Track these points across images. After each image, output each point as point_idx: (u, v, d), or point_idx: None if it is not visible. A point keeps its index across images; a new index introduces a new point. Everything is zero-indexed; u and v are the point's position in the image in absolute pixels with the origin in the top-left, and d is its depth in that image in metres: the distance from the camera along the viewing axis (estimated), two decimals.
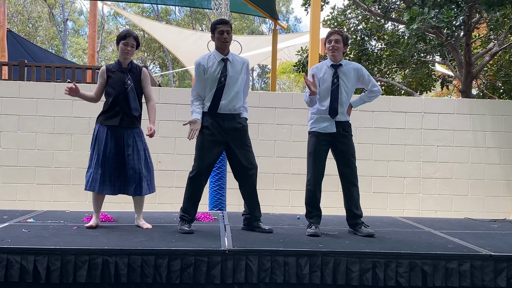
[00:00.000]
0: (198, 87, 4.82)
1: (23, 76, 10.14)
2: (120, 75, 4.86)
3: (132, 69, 4.93)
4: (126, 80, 4.84)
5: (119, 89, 4.83)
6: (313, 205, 4.91)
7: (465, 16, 8.37)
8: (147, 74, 5.03)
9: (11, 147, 7.27)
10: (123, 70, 4.88)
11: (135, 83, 4.89)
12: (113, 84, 4.86)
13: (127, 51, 4.86)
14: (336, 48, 4.86)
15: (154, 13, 35.59)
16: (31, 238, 4.24)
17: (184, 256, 3.90)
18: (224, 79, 4.71)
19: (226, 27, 4.76)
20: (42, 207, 6.90)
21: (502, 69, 11.39)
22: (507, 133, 7.69)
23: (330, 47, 4.88)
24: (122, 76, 4.85)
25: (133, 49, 4.90)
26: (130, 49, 4.87)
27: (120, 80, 4.84)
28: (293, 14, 53.24)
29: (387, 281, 3.99)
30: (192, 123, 4.73)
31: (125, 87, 4.83)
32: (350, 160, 4.96)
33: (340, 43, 4.87)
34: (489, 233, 5.33)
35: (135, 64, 5.01)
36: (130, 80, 4.85)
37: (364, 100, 5.14)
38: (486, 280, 4.01)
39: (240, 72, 4.84)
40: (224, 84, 4.72)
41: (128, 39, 4.85)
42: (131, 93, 4.84)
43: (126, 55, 4.88)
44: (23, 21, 32.44)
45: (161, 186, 7.34)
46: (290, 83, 32.34)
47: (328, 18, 11.54)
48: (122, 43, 4.85)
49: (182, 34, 18.83)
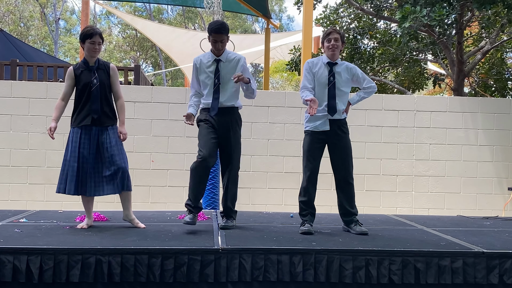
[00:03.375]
0: (195, 84, 5.06)
1: (15, 76, 10.08)
2: (87, 74, 4.76)
3: (99, 66, 4.83)
4: (92, 79, 4.74)
5: (85, 89, 4.73)
6: (307, 203, 4.91)
7: (457, 14, 8.40)
8: (115, 70, 4.94)
9: (3, 147, 7.24)
10: (90, 68, 4.78)
11: (105, 80, 4.80)
12: (80, 84, 4.76)
13: (94, 50, 4.76)
14: (336, 46, 4.89)
15: (146, 12, 35.48)
16: (23, 238, 4.23)
17: (177, 255, 3.90)
18: (218, 80, 4.89)
19: (220, 37, 4.86)
20: (34, 207, 6.87)
21: (494, 67, 11.43)
22: (499, 131, 7.73)
23: (330, 46, 4.88)
24: (89, 75, 4.75)
25: (100, 47, 4.80)
26: (97, 47, 4.77)
27: (87, 79, 4.74)
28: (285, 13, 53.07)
29: (380, 278, 4.00)
30: (187, 118, 4.90)
31: (90, 86, 4.73)
32: (345, 159, 4.97)
33: (339, 42, 4.91)
34: (482, 230, 5.36)
35: (102, 61, 4.91)
36: (97, 79, 4.75)
37: (361, 96, 5.12)
38: (478, 277, 4.03)
39: (234, 70, 4.95)
40: (219, 85, 4.90)
41: (95, 38, 4.74)
42: (95, 93, 4.72)
43: (93, 53, 4.77)
44: (15, 21, 32.25)
45: (154, 185, 7.33)
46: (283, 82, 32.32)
47: (320, 17, 11.54)
48: (89, 41, 4.73)
49: (174, 33, 18.78)
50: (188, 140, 7.24)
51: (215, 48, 4.91)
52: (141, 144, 7.28)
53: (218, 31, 4.83)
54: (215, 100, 4.89)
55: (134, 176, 7.21)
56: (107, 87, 4.82)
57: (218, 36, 4.84)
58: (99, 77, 4.78)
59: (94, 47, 4.75)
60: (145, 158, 7.32)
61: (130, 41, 35.82)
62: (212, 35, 4.84)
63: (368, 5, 10.32)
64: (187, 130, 7.20)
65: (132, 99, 7.36)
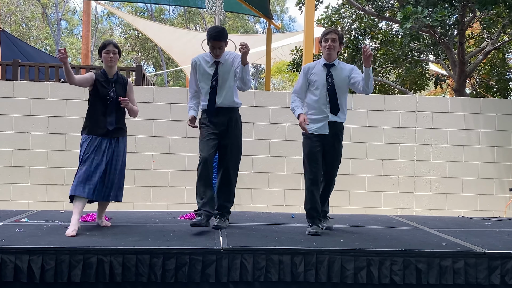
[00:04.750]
0: (193, 85, 5.12)
1: (16, 76, 10.10)
2: (105, 86, 4.86)
3: (118, 80, 4.96)
4: (109, 92, 4.85)
5: (101, 100, 4.83)
6: (313, 206, 4.89)
7: (459, 15, 8.39)
8: (131, 86, 5.14)
9: (5, 147, 7.24)
10: (109, 80, 4.89)
11: (121, 94, 4.92)
12: (97, 94, 4.86)
13: (110, 59, 4.85)
14: (333, 47, 4.89)
15: (148, 12, 35.48)
16: (25, 237, 4.24)
17: (179, 255, 3.91)
18: (216, 82, 4.95)
19: (219, 44, 4.90)
20: (36, 207, 6.88)
21: (495, 67, 11.42)
22: (501, 132, 7.72)
23: (326, 46, 4.89)
24: (107, 87, 4.86)
25: (116, 56, 4.90)
26: (113, 56, 4.86)
27: (104, 91, 4.84)
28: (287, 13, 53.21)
29: (382, 279, 4.00)
30: (191, 121, 5.02)
31: (107, 98, 4.84)
32: (334, 164, 5.06)
33: (337, 42, 4.91)
34: (483, 231, 5.36)
35: (121, 75, 5.05)
36: (114, 92, 4.87)
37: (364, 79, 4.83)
38: (480, 277, 4.03)
39: (231, 68, 5.02)
40: (216, 87, 4.97)
41: (109, 47, 4.86)
42: (111, 105, 4.85)
43: (110, 63, 4.87)
44: (17, 21, 32.29)
45: (155, 186, 7.33)
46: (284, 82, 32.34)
47: (322, 17, 11.54)
48: (104, 52, 4.86)
49: (176, 33, 18.80)
50: (190, 140, 7.24)
51: (213, 54, 4.98)
52: (143, 144, 7.29)
53: (217, 38, 4.86)
54: (212, 101, 4.96)
55: (136, 176, 7.22)
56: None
57: (217, 43, 4.89)
58: (116, 90, 4.89)
59: (109, 56, 4.85)
60: (146, 158, 7.32)
61: (131, 41, 35.84)
62: (211, 41, 4.89)
63: (370, 6, 10.32)
64: (188, 130, 7.20)
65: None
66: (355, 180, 7.47)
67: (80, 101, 7.18)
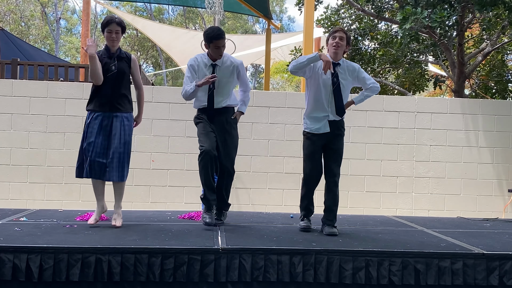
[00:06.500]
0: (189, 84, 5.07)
1: (15, 75, 10.09)
2: (107, 61, 4.83)
3: (121, 55, 4.91)
4: (110, 66, 4.80)
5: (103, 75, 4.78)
6: (307, 200, 4.93)
7: (458, 16, 8.40)
8: (136, 61, 5.06)
9: (4, 146, 7.23)
10: (111, 56, 4.85)
11: (125, 69, 4.88)
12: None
13: (112, 38, 4.81)
14: (340, 45, 4.84)
15: (147, 12, 35.48)
16: (23, 236, 4.23)
17: (177, 254, 3.90)
18: (213, 85, 4.92)
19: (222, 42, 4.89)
20: (34, 206, 6.87)
21: (494, 69, 11.44)
22: (499, 133, 7.72)
23: (334, 43, 4.84)
24: (108, 62, 4.82)
25: (119, 35, 4.85)
26: (115, 36, 4.81)
27: (106, 66, 4.80)
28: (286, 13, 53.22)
29: (380, 279, 4.00)
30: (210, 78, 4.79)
31: (108, 71, 4.79)
32: (337, 160, 5.00)
33: (344, 41, 4.86)
34: (482, 232, 5.36)
35: (124, 51, 4.99)
36: (115, 66, 4.82)
37: (365, 95, 5.07)
38: (478, 278, 4.04)
39: (230, 76, 5.01)
40: (213, 90, 4.95)
41: (111, 26, 4.79)
42: (109, 79, 4.80)
43: (111, 43, 4.84)
44: (16, 20, 32.23)
45: (154, 185, 7.32)
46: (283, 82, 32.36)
47: (321, 18, 11.54)
48: (106, 30, 4.80)
49: (175, 33, 18.79)
50: (189, 140, 7.23)
51: (218, 54, 4.91)
52: (142, 143, 7.28)
53: (220, 36, 4.83)
54: (210, 103, 4.97)
55: (134, 175, 7.21)
56: (126, 76, 4.90)
57: (220, 42, 4.86)
58: (118, 66, 4.85)
59: (111, 36, 4.81)
60: (145, 158, 7.31)
61: (130, 41, 35.79)
62: (214, 42, 4.83)
63: (369, 6, 10.32)
64: (187, 130, 7.20)
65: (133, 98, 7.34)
66: (354, 180, 7.46)
67: (79, 100, 7.17)
